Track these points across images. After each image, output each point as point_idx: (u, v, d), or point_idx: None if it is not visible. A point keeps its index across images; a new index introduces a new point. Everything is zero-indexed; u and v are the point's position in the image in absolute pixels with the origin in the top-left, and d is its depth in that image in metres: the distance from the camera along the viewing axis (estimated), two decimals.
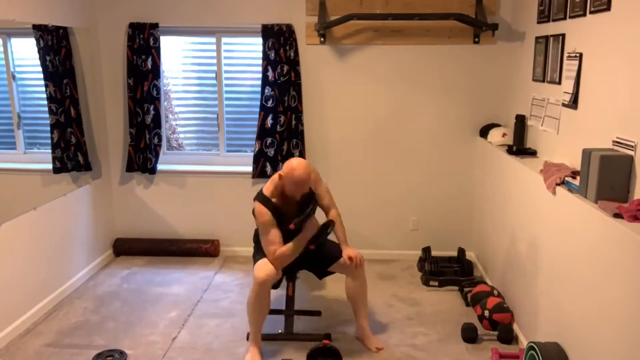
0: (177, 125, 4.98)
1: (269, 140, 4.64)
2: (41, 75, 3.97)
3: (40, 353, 3.37)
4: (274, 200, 3.27)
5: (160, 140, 4.75)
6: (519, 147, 3.80)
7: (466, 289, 4.04)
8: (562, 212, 2.79)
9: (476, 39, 4.45)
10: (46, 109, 4.02)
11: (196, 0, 4.56)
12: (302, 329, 3.65)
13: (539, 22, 3.71)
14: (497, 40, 4.46)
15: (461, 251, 4.58)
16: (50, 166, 4.09)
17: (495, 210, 4.10)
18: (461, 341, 3.50)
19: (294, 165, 3.15)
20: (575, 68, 3.03)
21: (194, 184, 4.88)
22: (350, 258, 3.35)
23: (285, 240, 3.26)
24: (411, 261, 4.81)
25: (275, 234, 3.23)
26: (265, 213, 3.23)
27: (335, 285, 4.26)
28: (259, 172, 4.72)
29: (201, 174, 4.86)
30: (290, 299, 3.57)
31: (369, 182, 4.77)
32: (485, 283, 4.03)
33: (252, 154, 4.74)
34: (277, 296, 3.97)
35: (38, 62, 3.92)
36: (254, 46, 4.71)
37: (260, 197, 3.27)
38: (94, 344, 3.46)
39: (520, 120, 3.90)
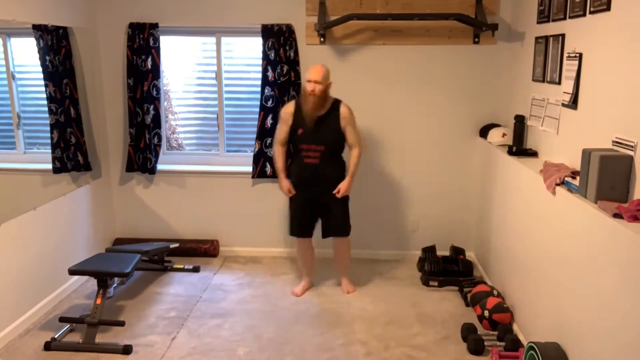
0: (177, 125, 4.98)
1: (269, 140, 4.64)
2: (41, 75, 3.96)
3: (40, 353, 3.37)
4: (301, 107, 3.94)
5: (160, 140, 4.75)
6: (519, 149, 3.80)
7: (466, 289, 4.04)
8: (562, 212, 2.79)
9: (476, 39, 4.45)
10: (46, 109, 4.02)
11: (196, 0, 4.56)
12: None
13: (538, 22, 3.71)
14: (497, 40, 4.46)
15: (455, 250, 4.58)
16: (50, 166, 4.08)
17: (495, 210, 4.10)
18: (461, 341, 3.50)
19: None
20: (575, 68, 3.03)
21: (194, 184, 4.88)
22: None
23: (299, 138, 3.95)
24: (411, 261, 4.81)
25: (283, 131, 3.99)
26: (286, 109, 4.00)
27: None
28: (259, 172, 4.72)
29: (201, 174, 4.86)
30: (97, 307, 3.48)
31: (368, 182, 4.77)
32: (485, 283, 4.03)
33: (252, 154, 4.74)
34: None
35: (38, 62, 3.92)
36: (254, 46, 4.71)
37: (295, 99, 4.13)
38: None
39: (520, 121, 3.91)
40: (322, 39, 4.51)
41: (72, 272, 3.60)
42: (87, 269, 3.62)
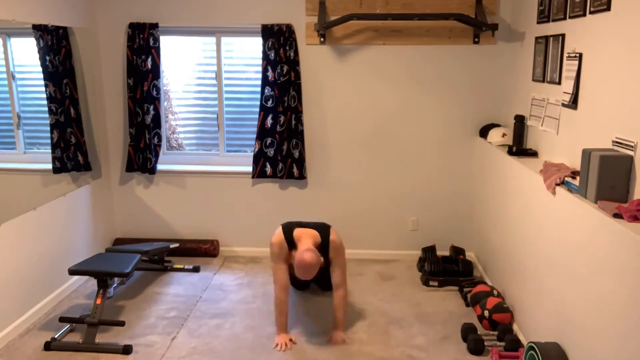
0: (177, 125, 4.98)
1: (269, 140, 4.65)
2: (41, 75, 3.96)
3: (40, 353, 3.37)
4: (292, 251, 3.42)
5: (160, 140, 4.75)
6: (519, 148, 3.80)
7: (466, 289, 4.04)
8: (562, 212, 2.79)
9: (476, 39, 4.45)
10: (46, 109, 4.02)
11: (196, 0, 4.56)
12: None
13: (538, 22, 3.71)
14: (497, 40, 4.46)
15: (456, 250, 4.58)
16: (50, 166, 4.08)
17: (495, 210, 4.10)
18: (461, 341, 3.50)
19: (305, 256, 3.28)
20: (575, 68, 3.04)
21: (194, 184, 4.88)
22: (333, 340, 3.50)
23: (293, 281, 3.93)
24: (411, 261, 4.81)
25: (282, 272, 3.47)
26: (280, 247, 3.46)
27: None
28: (259, 172, 4.72)
29: (201, 174, 4.86)
30: (97, 307, 3.49)
31: (368, 182, 4.77)
32: (485, 283, 4.03)
33: (252, 154, 4.75)
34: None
35: (38, 62, 3.92)
36: (254, 46, 4.71)
37: (286, 230, 3.50)
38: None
39: (520, 121, 3.91)
40: (322, 39, 4.51)
41: (72, 272, 3.60)
42: (87, 269, 3.62)
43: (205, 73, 4.82)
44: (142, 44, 4.57)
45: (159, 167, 4.85)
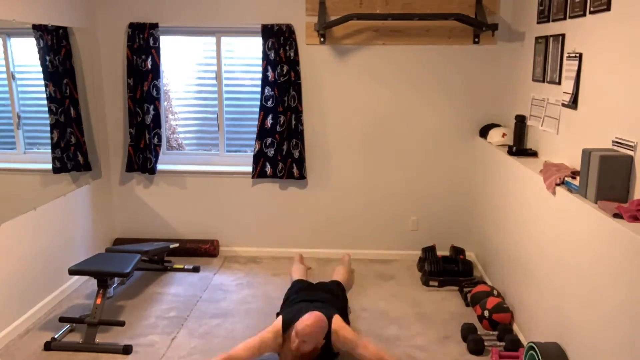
0: (177, 125, 4.98)
1: (269, 140, 4.65)
2: (41, 75, 3.96)
3: (40, 353, 3.37)
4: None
5: (160, 140, 4.75)
6: (519, 149, 3.80)
7: (466, 289, 4.04)
8: (562, 212, 2.79)
9: (476, 39, 4.45)
10: (46, 109, 4.02)
11: (196, 1, 4.56)
12: None
13: (538, 22, 3.71)
14: (497, 40, 4.46)
15: (456, 250, 4.58)
16: (50, 166, 4.08)
17: (495, 210, 4.10)
18: (461, 341, 3.50)
19: (307, 319, 3.00)
20: (575, 68, 3.04)
21: (194, 184, 4.88)
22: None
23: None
24: (411, 261, 4.81)
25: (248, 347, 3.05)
26: (275, 331, 3.11)
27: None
28: (259, 172, 4.72)
29: (201, 174, 4.86)
30: (97, 307, 3.49)
31: (368, 182, 4.77)
32: (485, 283, 4.03)
33: (252, 154, 4.75)
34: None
35: (38, 62, 3.92)
36: (254, 46, 4.71)
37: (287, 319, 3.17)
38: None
39: (520, 121, 3.91)
40: (322, 39, 4.51)
41: (72, 272, 3.60)
42: (87, 269, 3.62)
43: (205, 73, 4.82)
44: (142, 44, 4.57)
45: (159, 167, 4.85)
